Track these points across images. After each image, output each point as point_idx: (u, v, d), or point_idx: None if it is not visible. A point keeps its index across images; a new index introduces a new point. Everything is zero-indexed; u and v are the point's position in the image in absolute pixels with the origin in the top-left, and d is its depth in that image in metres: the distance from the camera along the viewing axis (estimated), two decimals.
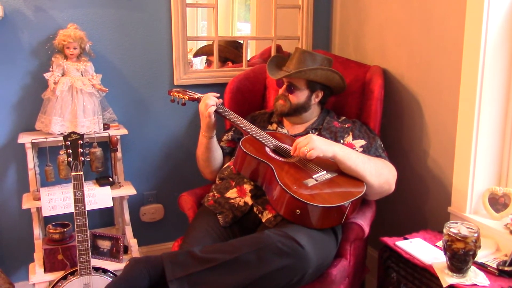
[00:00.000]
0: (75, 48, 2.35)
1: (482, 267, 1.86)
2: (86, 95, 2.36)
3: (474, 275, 1.78)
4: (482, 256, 1.89)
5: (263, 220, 1.99)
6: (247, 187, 2.06)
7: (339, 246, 2.01)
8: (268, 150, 2.06)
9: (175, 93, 2.37)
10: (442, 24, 2.24)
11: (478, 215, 2.15)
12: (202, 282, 1.69)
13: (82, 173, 2.10)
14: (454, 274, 1.77)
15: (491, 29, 2.01)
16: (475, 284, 1.74)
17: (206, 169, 2.33)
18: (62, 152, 2.19)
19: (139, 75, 2.66)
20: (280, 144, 2.11)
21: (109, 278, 2.21)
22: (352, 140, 2.20)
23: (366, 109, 2.41)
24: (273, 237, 1.72)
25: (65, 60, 2.37)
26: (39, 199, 2.34)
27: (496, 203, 2.10)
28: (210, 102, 2.18)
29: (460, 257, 1.74)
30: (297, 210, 1.82)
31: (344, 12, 2.94)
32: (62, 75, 2.37)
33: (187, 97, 2.33)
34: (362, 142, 2.19)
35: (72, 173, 2.10)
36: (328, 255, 1.91)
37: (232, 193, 2.09)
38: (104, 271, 2.24)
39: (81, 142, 2.11)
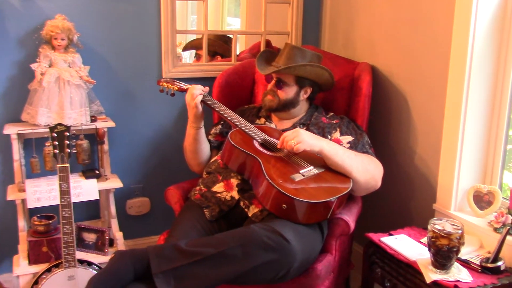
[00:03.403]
0: (62, 39, 2.33)
1: (466, 263, 1.88)
2: (74, 86, 2.35)
3: (457, 271, 1.80)
4: (465, 252, 1.91)
5: (250, 215, 1.99)
6: (234, 181, 2.06)
7: (324, 242, 2.02)
8: (256, 143, 2.06)
9: (164, 83, 2.36)
10: (431, 22, 2.26)
11: (462, 212, 2.17)
12: (188, 276, 1.68)
13: (68, 165, 2.09)
14: (438, 270, 1.79)
15: (479, 28, 2.03)
16: (458, 280, 1.75)
17: (194, 161, 2.33)
18: (48, 144, 2.17)
19: (127, 67, 2.65)
20: (268, 138, 2.11)
21: (94, 271, 2.20)
22: (340, 136, 2.21)
23: (354, 106, 2.42)
24: (259, 232, 1.72)
25: (53, 51, 2.35)
26: (24, 190, 2.32)
27: (481, 200, 2.12)
28: (196, 92, 2.18)
29: (444, 253, 1.76)
30: (284, 205, 1.83)
31: (334, 8, 2.95)
32: (50, 66, 2.34)
33: (176, 88, 2.33)
34: (349, 138, 2.20)
35: (58, 165, 2.08)
36: (314, 250, 1.92)
37: (219, 187, 2.09)
38: (89, 263, 2.24)
39: (68, 134, 2.09)
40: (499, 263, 1.84)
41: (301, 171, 1.96)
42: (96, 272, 2.17)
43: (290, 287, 1.88)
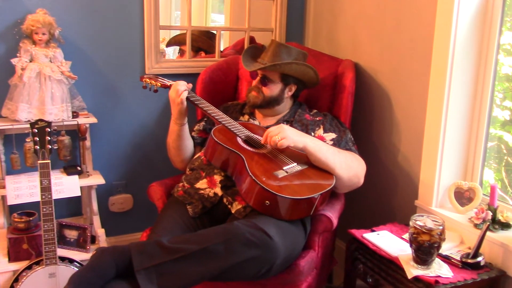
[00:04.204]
0: (44, 34, 2.30)
1: (446, 259, 1.90)
2: (55, 82, 2.32)
3: (438, 267, 1.82)
4: (446, 248, 1.94)
5: (233, 211, 1.99)
6: (217, 178, 2.06)
7: (307, 238, 2.03)
8: (239, 140, 2.06)
9: (147, 80, 2.35)
10: (414, 19, 2.27)
11: (443, 209, 2.20)
12: (170, 273, 1.68)
13: (49, 161, 2.07)
14: (419, 266, 1.81)
15: (460, 26, 2.05)
16: (439, 276, 1.78)
17: (177, 158, 2.32)
18: (29, 140, 2.14)
19: (109, 63, 2.62)
20: (252, 134, 2.11)
21: (75, 268, 2.18)
22: (323, 133, 2.22)
23: (337, 103, 2.43)
24: (242, 228, 1.72)
25: (34, 45, 2.32)
26: (4, 187, 2.29)
27: (462, 197, 2.15)
28: (181, 88, 2.17)
29: (425, 249, 1.78)
30: (267, 201, 1.83)
31: (317, 5, 2.95)
32: (30, 61, 2.31)
33: (159, 84, 2.31)
34: (332, 135, 2.21)
35: (39, 161, 2.06)
36: (297, 246, 1.92)
37: (202, 184, 2.08)
38: (71, 261, 2.21)
39: (49, 130, 2.06)
40: (479, 259, 1.87)
41: (284, 168, 1.96)
42: (77, 269, 2.15)
43: (273, 283, 1.88)
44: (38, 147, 2.05)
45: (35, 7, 2.36)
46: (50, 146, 2.07)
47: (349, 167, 2.06)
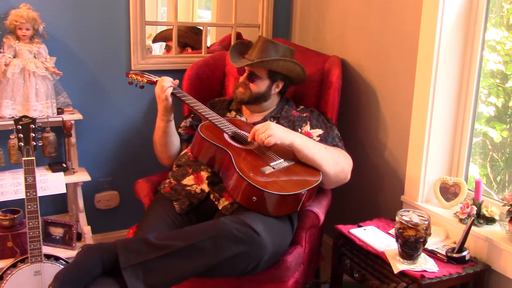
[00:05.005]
0: (27, 29, 2.27)
1: (432, 254, 1.92)
2: (39, 78, 2.29)
3: (424, 261, 1.84)
4: (432, 243, 1.95)
5: (220, 208, 1.98)
6: (204, 174, 2.05)
7: (294, 234, 2.03)
8: (226, 136, 2.05)
9: (133, 75, 2.33)
10: (400, 16, 2.28)
11: (429, 204, 2.21)
12: (157, 269, 1.67)
13: (33, 158, 2.05)
14: (405, 261, 1.82)
15: (446, 23, 2.06)
16: (425, 270, 1.79)
17: (163, 154, 2.31)
18: (13, 136, 2.12)
19: (95, 59, 2.60)
20: (239, 131, 2.11)
21: (61, 265, 2.16)
22: (310, 129, 2.22)
23: (324, 99, 2.43)
24: (229, 224, 1.72)
25: (17, 41, 2.29)
26: None
27: (447, 192, 2.17)
28: (166, 84, 2.15)
29: (411, 244, 1.79)
30: (254, 197, 1.83)
31: (304, 1, 2.95)
32: (14, 57, 2.28)
33: (146, 80, 2.30)
34: (319, 131, 2.21)
35: (23, 158, 2.04)
36: (284, 242, 1.93)
37: (188, 180, 2.08)
38: (56, 258, 2.19)
39: (33, 126, 2.05)
40: (464, 253, 1.89)
41: (271, 164, 1.96)
42: (63, 267, 2.13)
43: (261, 279, 1.89)
44: (22, 144, 2.04)
45: (18, 2, 2.33)
46: (34, 143, 2.06)
47: (336, 163, 2.06)
